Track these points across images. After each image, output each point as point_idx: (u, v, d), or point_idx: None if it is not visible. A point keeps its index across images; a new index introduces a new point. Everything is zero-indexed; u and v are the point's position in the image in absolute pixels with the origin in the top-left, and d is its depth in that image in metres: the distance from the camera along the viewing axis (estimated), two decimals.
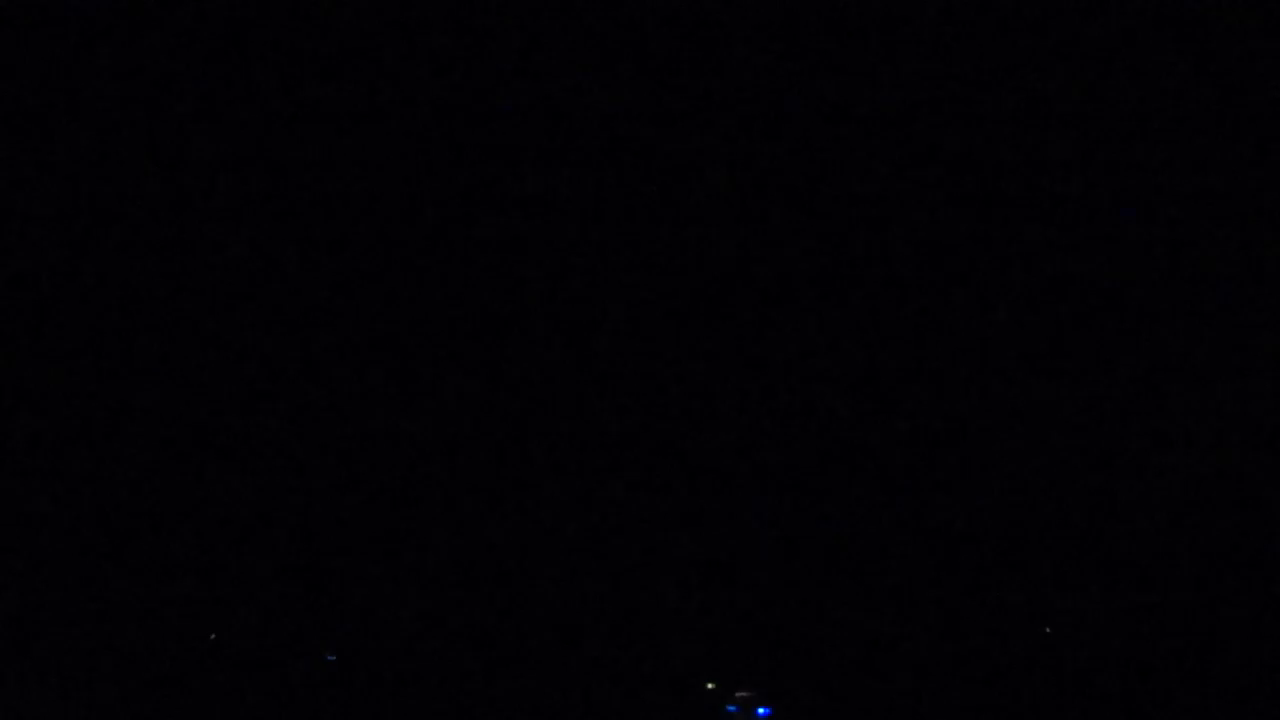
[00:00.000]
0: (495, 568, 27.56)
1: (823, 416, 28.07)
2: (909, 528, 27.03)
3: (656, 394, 28.30)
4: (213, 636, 26.75)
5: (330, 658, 26.79)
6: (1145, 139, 26.60)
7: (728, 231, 27.97)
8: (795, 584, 27.71)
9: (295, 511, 27.06)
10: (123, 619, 26.08)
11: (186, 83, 27.09)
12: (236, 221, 27.78)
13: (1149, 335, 26.61)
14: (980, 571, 27.01)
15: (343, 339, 27.71)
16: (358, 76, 27.39)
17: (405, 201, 28.20)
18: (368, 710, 26.31)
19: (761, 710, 27.37)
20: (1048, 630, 26.88)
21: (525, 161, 27.99)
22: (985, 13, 25.62)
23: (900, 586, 26.84)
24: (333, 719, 26.35)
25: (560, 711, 25.99)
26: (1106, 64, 26.43)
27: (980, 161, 27.22)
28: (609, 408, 28.07)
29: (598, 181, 27.88)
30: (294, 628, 26.77)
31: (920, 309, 27.72)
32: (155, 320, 27.47)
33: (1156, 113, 26.37)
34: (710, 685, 27.55)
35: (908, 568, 26.84)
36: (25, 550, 25.61)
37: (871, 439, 27.88)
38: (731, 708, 27.45)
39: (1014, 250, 27.22)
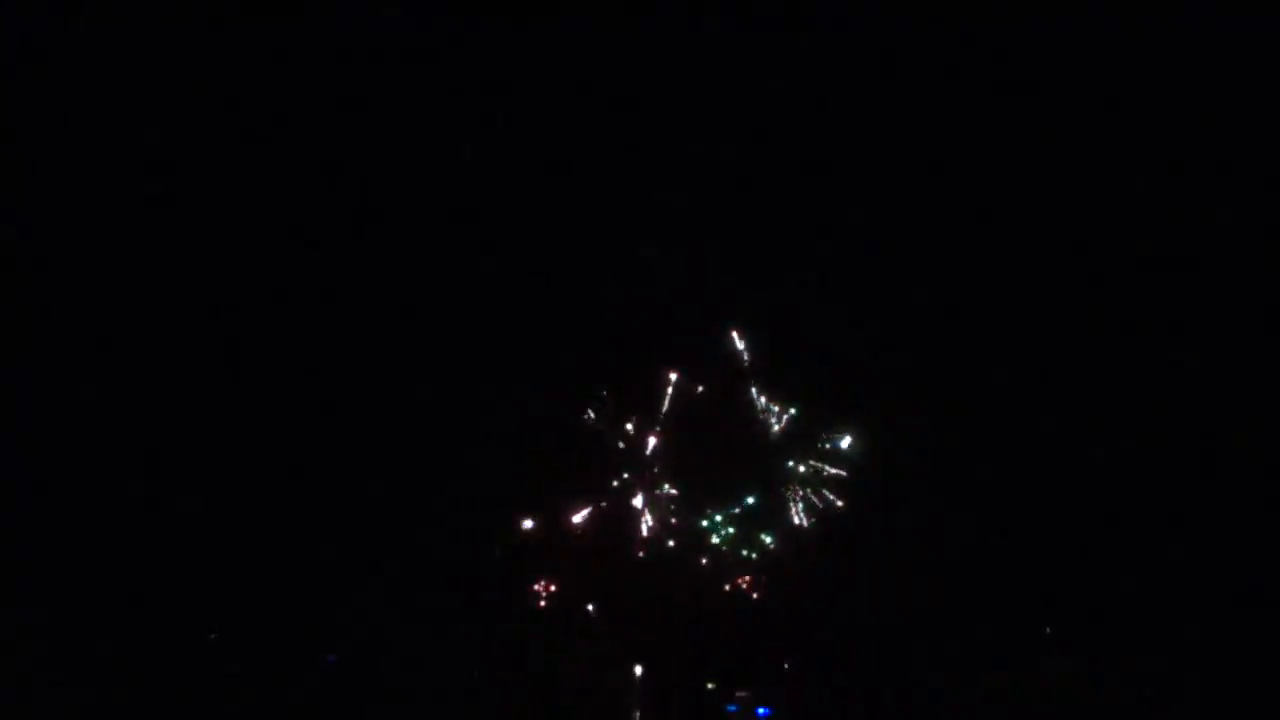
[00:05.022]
0: (495, 569, 27.42)
1: (823, 419, 28.02)
2: (907, 530, 26.94)
3: (657, 395, 28.21)
4: (213, 636, 26.59)
5: (330, 658, 26.69)
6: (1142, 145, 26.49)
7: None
8: (795, 586, 27.60)
9: (294, 513, 26.89)
10: (122, 619, 25.87)
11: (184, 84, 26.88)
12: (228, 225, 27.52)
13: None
14: (978, 573, 26.90)
15: (342, 342, 27.57)
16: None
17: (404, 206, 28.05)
18: (368, 710, 26.20)
19: (761, 710, 27.34)
20: (1048, 630, 26.81)
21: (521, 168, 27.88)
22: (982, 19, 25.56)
23: (898, 590, 26.74)
24: (333, 719, 26.22)
25: (561, 711, 25.89)
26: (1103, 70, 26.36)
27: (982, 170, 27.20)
28: (610, 408, 28.00)
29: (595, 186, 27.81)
30: (294, 628, 26.63)
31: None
32: (155, 322, 27.25)
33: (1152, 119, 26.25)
34: (710, 685, 27.49)
35: (906, 570, 26.75)
36: (25, 550, 25.38)
37: (869, 443, 27.83)
38: (731, 707, 27.39)
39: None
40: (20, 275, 26.24)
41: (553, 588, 27.41)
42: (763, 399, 28.05)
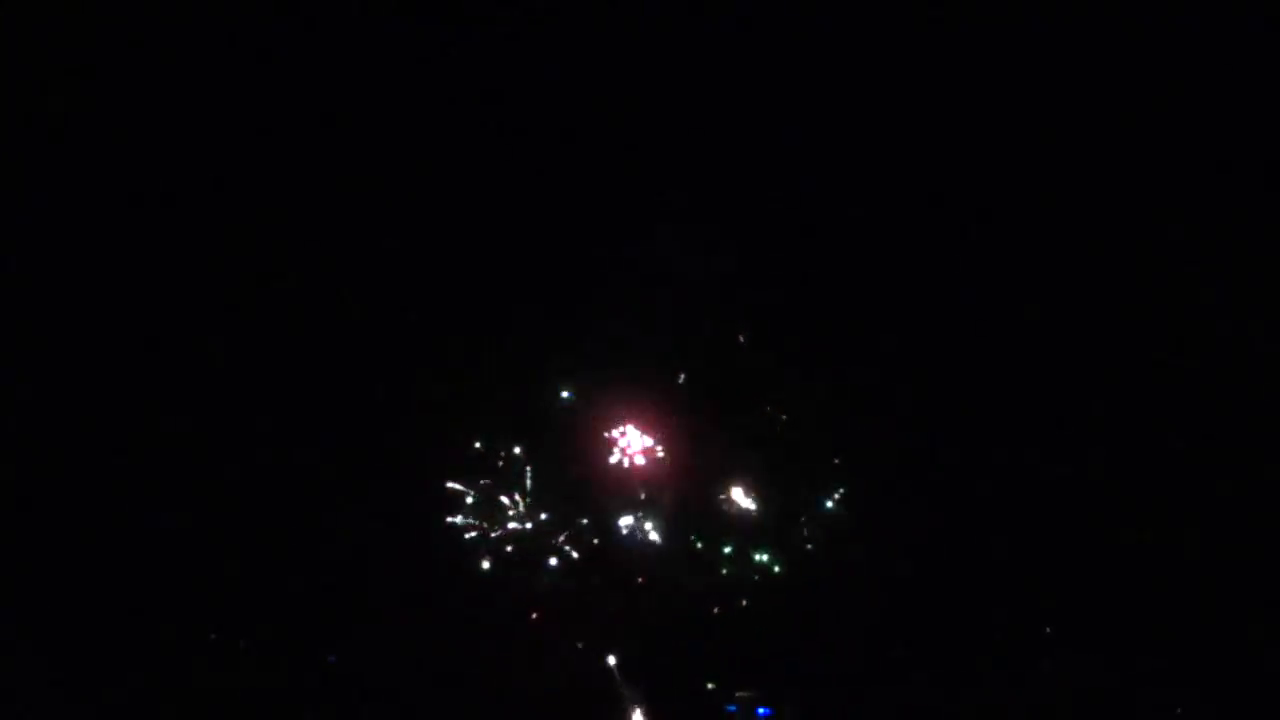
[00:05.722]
0: (496, 570, 27.52)
1: (821, 423, 28.10)
2: (906, 532, 27.04)
3: (657, 398, 28.30)
4: (213, 636, 26.65)
5: (331, 659, 26.76)
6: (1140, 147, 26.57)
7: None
8: (796, 586, 27.71)
9: (293, 512, 26.95)
10: (122, 619, 25.93)
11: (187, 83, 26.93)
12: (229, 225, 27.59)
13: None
14: (976, 574, 27.00)
15: (340, 345, 27.62)
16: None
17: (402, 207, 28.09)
18: (368, 710, 26.27)
19: (761, 710, 27.42)
20: (1048, 630, 26.91)
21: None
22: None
23: (898, 591, 26.84)
24: (333, 719, 26.29)
25: (561, 711, 25.97)
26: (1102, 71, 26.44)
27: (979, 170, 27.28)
28: (612, 411, 28.07)
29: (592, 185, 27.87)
30: (294, 628, 26.70)
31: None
32: (154, 323, 27.29)
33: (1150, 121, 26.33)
34: (710, 685, 27.58)
35: (905, 572, 26.85)
36: (25, 550, 25.43)
37: (869, 445, 27.91)
38: (731, 707, 27.48)
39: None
40: (19, 275, 26.34)
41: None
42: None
